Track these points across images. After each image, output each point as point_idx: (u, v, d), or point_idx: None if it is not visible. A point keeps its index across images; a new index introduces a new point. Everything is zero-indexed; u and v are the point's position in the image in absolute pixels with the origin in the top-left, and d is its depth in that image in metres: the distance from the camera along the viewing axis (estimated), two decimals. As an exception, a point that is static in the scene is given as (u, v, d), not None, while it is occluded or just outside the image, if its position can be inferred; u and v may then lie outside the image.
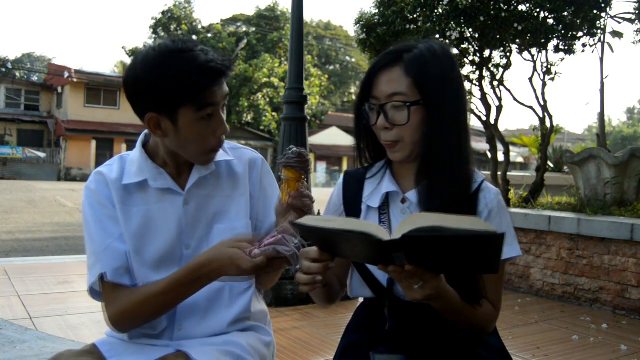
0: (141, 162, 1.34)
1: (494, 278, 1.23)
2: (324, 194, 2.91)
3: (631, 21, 5.97)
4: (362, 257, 1.09)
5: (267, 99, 29.78)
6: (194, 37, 32.43)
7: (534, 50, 5.60)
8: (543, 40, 5.33)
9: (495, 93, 5.89)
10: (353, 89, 47.99)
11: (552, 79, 5.67)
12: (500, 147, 6.09)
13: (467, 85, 6.08)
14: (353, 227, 0.97)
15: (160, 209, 1.34)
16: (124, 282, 1.30)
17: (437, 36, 5.48)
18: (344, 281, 1.39)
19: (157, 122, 1.26)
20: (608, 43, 6.33)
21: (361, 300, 1.40)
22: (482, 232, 0.87)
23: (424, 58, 1.21)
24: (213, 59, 1.24)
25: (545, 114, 5.74)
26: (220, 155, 1.39)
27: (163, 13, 32.49)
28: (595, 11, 5.28)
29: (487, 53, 5.79)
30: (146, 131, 1.36)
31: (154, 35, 32.49)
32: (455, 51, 5.86)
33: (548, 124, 5.77)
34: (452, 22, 5.21)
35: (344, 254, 1.10)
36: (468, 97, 6.05)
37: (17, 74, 37.81)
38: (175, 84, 1.21)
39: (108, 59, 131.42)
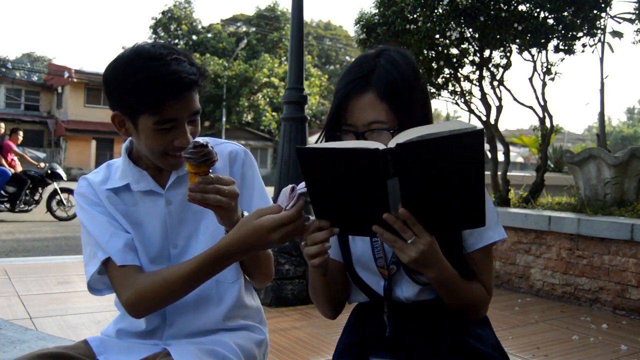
0: (124, 167, 1.36)
1: (484, 261, 1.27)
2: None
3: (631, 21, 5.96)
4: (357, 198, 1.05)
5: (267, 99, 29.82)
6: (194, 37, 32.45)
7: (534, 50, 5.60)
8: (543, 40, 5.32)
9: (495, 93, 5.90)
10: (353, 89, 47.97)
11: (552, 79, 5.66)
12: (500, 147, 6.10)
13: (467, 85, 6.09)
14: (351, 145, 1.04)
15: (144, 211, 1.35)
16: (135, 262, 1.29)
17: (437, 36, 5.49)
18: (344, 288, 1.38)
19: (122, 120, 1.28)
20: (608, 43, 6.31)
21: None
22: (467, 128, 0.99)
23: (392, 77, 1.19)
24: (180, 70, 1.19)
25: (545, 114, 5.74)
26: None
27: (163, 13, 32.56)
28: (595, 11, 5.28)
29: (487, 53, 5.79)
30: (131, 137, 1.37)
31: (154, 35, 32.54)
32: (455, 51, 5.86)
33: (548, 124, 5.77)
34: (452, 22, 5.21)
35: (340, 210, 1.08)
36: (468, 98, 6.07)
37: (17, 74, 37.82)
38: (134, 90, 1.19)
39: (108, 59, 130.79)
